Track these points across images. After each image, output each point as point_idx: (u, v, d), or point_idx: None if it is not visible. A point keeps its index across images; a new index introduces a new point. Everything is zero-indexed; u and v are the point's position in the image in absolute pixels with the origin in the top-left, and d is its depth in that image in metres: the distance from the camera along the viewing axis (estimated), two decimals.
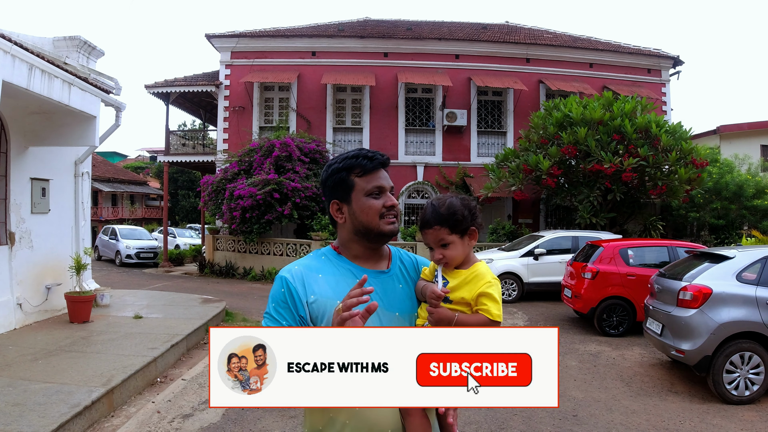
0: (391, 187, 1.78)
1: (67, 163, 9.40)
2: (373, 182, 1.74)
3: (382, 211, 1.72)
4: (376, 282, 1.72)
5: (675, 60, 20.74)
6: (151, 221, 40.37)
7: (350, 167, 1.75)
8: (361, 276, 1.69)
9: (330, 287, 1.70)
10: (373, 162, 1.74)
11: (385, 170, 1.78)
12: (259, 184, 15.79)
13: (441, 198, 1.79)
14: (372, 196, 1.73)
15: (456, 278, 1.71)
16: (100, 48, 10.18)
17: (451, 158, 19.77)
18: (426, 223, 1.76)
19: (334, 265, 1.77)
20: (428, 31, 21.02)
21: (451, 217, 1.72)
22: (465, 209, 1.74)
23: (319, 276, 1.73)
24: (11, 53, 6.06)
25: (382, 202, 1.73)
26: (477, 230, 1.77)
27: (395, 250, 1.90)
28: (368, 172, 1.74)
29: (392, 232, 1.75)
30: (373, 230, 1.73)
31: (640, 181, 14.52)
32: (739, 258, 6.36)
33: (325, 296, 1.68)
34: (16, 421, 4.28)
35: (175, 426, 4.93)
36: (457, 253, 1.72)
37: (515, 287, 12.95)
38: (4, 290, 7.60)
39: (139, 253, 22.25)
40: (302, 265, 1.77)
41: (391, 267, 1.82)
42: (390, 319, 1.70)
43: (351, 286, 1.67)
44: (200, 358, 7.37)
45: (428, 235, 1.76)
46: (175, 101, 21.65)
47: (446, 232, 1.72)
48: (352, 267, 1.77)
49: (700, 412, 5.63)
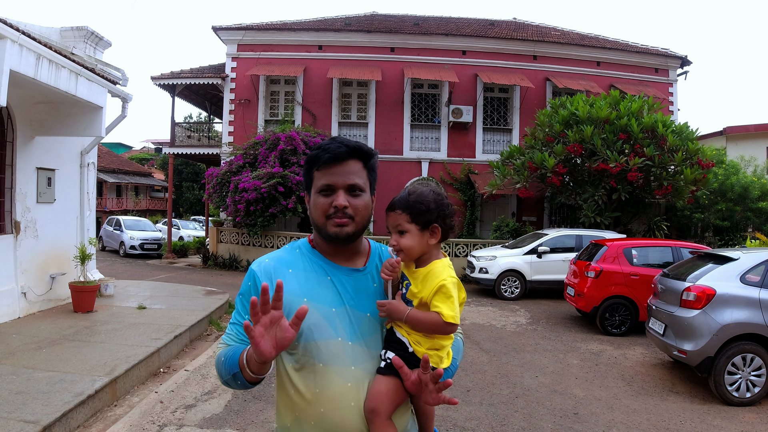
0: (349, 184, 1.58)
1: (73, 154, 9.42)
2: (323, 178, 1.59)
3: (328, 211, 1.57)
4: (347, 281, 1.63)
5: (683, 60, 20.64)
6: (155, 213, 40.44)
7: (312, 159, 1.63)
8: (331, 272, 1.63)
9: (298, 283, 1.60)
10: (327, 154, 1.58)
11: (356, 163, 1.61)
12: (264, 178, 15.81)
13: (417, 187, 1.67)
14: (321, 193, 1.60)
15: (415, 277, 1.61)
16: (107, 39, 10.18)
17: (456, 154, 19.74)
18: (390, 205, 1.65)
19: (307, 260, 1.66)
20: (435, 27, 20.95)
21: (414, 206, 1.60)
22: (433, 203, 1.62)
23: (288, 271, 1.63)
24: (19, 42, 6.06)
25: (329, 201, 1.58)
26: (441, 229, 1.63)
27: (376, 247, 1.77)
28: (323, 166, 1.59)
29: (337, 235, 1.58)
30: (321, 230, 1.62)
31: (646, 180, 14.46)
32: (743, 260, 6.35)
33: (291, 292, 1.57)
34: (19, 409, 4.31)
35: (177, 416, 4.96)
36: (412, 243, 1.61)
37: (518, 285, 12.95)
38: (9, 279, 7.64)
39: (143, 244, 22.33)
40: (273, 258, 1.68)
41: (367, 264, 1.69)
42: (360, 320, 1.59)
43: (320, 284, 1.61)
44: (203, 350, 7.40)
45: (389, 217, 1.65)
46: (181, 93, 21.67)
47: (405, 219, 1.61)
48: (324, 263, 1.65)
49: (701, 412, 5.63)
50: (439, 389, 1.47)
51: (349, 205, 1.57)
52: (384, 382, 1.53)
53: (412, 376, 1.49)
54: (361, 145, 1.63)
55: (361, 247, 1.73)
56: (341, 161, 1.58)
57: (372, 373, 1.56)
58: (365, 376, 1.55)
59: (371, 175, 1.66)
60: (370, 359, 1.57)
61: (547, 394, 6.06)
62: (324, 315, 1.56)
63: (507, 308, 11.61)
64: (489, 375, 6.72)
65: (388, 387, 1.52)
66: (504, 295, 12.89)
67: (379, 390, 1.52)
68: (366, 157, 1.63)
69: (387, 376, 1.53)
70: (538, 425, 5.11)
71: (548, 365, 7.27)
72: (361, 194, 1.61)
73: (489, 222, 19.17)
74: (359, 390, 1.53)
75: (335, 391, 1.52)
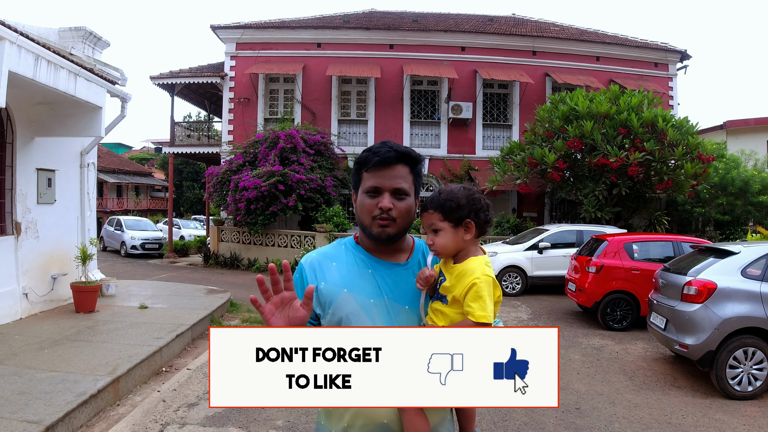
0: (395, 188, 1.65)
1: (72, 154, 9.42)
2: (371, 180, 1.66)
3: (374, 212, 1.65)
4: (388, 274, 1.70)
5: (682, 54, 20.59)
6: (156, 212, 40.46)
7: (362, 160, 1.70)
8: (373, 266, 1.71)
9: (340, 275, 1.69)
10: (376, 157, 1.65)
11: (404, 168, 1.67)
12: (264, 176, 15.82)
13: (450, 185, 1.73)
14: (368, 195, 1.67)
15: (451, 273, 1.64)
16: (105, 39, 10.17)
17: (456, 151, 19.73)
18: (423, 206, 1.71)
19: (351, 254, 1.75)
20: (434, 23, 20.92)
21: (445, 203, 1.64)
22: (464, 199, 1.65)
23: (333, 264, 1.72)
24: (17, 43, 6.06)
25: (375, 203, 1.65)
26: (475, 224, 1.66)
27: (419, 243, 1.84)
28: (372, 168, 1.66)
29: (380, 236, 1.66)
30: (366, 229, 1.69)
31: (646, 175, 14.45)
32: (744, 254, 6.35)
33: (333, 283, 1.68)
34: (22, 410, 4.32)
35: (180, 415, 4.97)
36: (446, 241, 1.64)
37: (519, 280, 12.95)
38: (10, 280, 7.65)
39: (144, 244, 22.36)
40: (320, 253, 1.78)
41: (409, 260, 1.76)
42: (398, 312, 1.66)
43: (361, 276, 1.68)
44: (205, 348, 7.41)
45: (423, 218, 1.70)
46: (180, 92, 21.65)
47: (438, 218, 1.65)
48: (366, 257, 1.73)
49: (703, 406, 5.64)
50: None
51: (394, 207, 1.64)
52: None
53: None
54: (410, 151, 1.70)
55: (404, 245, 1.79)
56: (389, 165, 1.65)
57: None
58: None
59: (417, 180, 1.73)
60: None
61: None
62: (362, 305, 1.64)
63: (508, 304, 11.62)
64: None
65: None
66: (505, 290, 12.88)
67: None
68: (413, 162, 1.71)
69: None
70: (539, 420, 5.11)
71: None
72: (405, 198, 1.68)
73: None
74: None
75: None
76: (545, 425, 5.00)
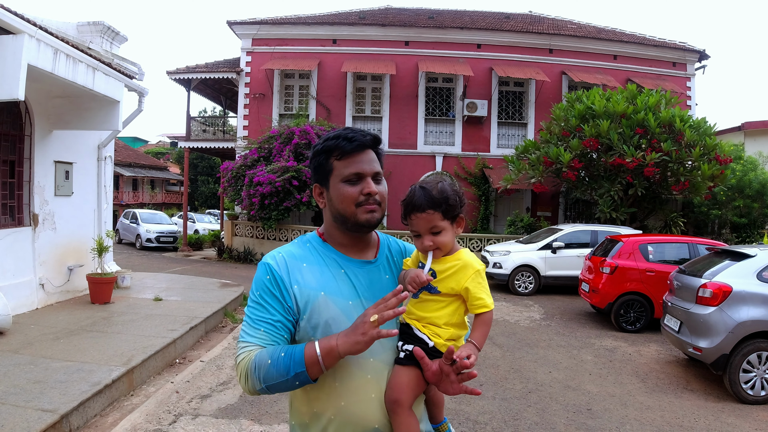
0: (375, 172, 1.61)
1: (90, 147, 9.53)
2: (351, 167, 1.59)
3: (359, 199, 1.58)
4: (361, 273, 1.64)
5: (701, 54, 20.33)
6: (171, 206, 40.83)
7: (329, 149, 1.61)
8: (345, 265, 1.64)
9: (314, 277, 1.59)
10: (352, 143, 1.59)
11: (372, 152, 1.63)
12: (279, 171, 15.89)
13: (430, 181, 1.64)
14: (348, 183, 1.59)
15: (442, 265, 1.61)
16: (123, 33, 10.26)
17: (471, 149, 19.67)
18: (417, 206, 1.60)
19: (319, 254, 1.66)
20: (450, 20, 20.84)
21: (444, 202, 1.59)
22: (456, 195, 1.62)
23: (303, 265, 1.61)
24: (36, 37, 6.14)
25: (359, 189, 1.58)
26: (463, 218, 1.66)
27: (384, 238, 1.79)
28: (347, 155, 1.59)
29: (368, 222, 1.59)
30: (349, 219, 1.60)
31: (663, 176, 14.29)
32: (760, 257, 6.27)
33: (309, 287, 1.57)
34: (37, 398, 4.39)
35: (193, 406, 5.02)
36: (448, 240, 1.61)
37: (532, 280, 12.89)
38: (27, 270, 7.77)
39: (159, 237, 22.54)
40: (285, 252, 1.65)
41: (378, 256, 1.71)
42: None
43: (335, 277, 1.61)
44: (218, 341, 7.48)
45: (420, 219, 1.60)
46: (196, 87, 21.79)
47: (439, 218, 1.59)
48: (337, 256, 1.65)
49: (715, 410, 5.59)
50: (462, 380, 1.47)
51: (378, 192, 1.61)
52: (404, 372, 1.54)
53: (433, 367, 1.49)
54: (376, 134, 1.67)
55: (371, 239, 1.74)
56: (365, 149, 1.62)
57: (390, 364, 1.57)
58: (384, 368, 1.56)
59: (381, 161, 1.69)
60: (387, 351, 1.58)
61: (561, 389, 6.05)
62: (342, 308, 1.56)
63: (521, 303, 11.58)
64: (502, 370, 6.72)
65: (409, 377, 1.53)
66: (518, 290, 12.84)
67: (400, 381, 1.53)
68: (378, 144, 1.67)
69: (407, 367, 1.54)
70: (551, 420, 5.10)
71: (562, 361, 7.25)
72: (382, 181, 1.65)
73: (503, 217, 19.09)
74: (379, 381, 1.55)
75: (356, 383, 1.53)
76: (556, 425, 4.98)
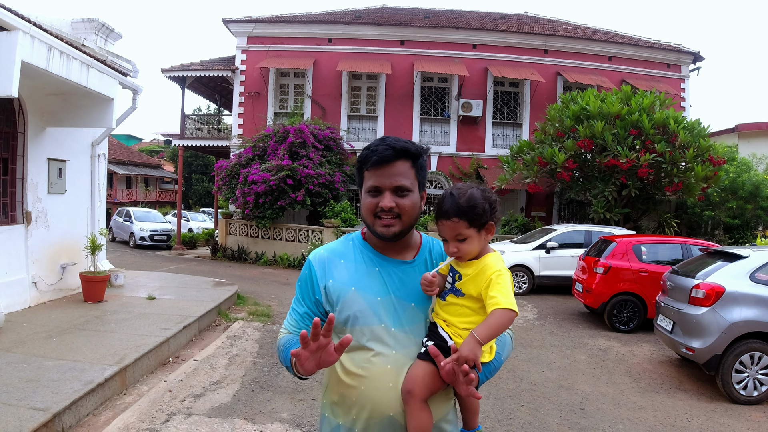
0: (396, 186, 1.63)
1: (83, 145, 9.49)
2: (371, 179, 1.65)
3: (375, 211, 1.65)
4: (395, 272, 1.70)
5: (695, 56, 20.43)
6: (164, 204, 40.66)
7: (361, 159, 1.68)
8: (380, 264, 1.72)
9: (348, 273, 1.70)
10: (374, 156, 1.63)
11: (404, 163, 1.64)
12: (273, 170, 15.86)
13: (461, 188, 1.67)
14: (369, 194, 1.66)
15: (466, 269, 1.65)
16: (117, 31, 10.21)
17: (466, 149, 19.69)
18: (444, 213, 1.65)
19: (358, 251, 1.75)
20: (446, 20, 20.85)
21: (471, 210, 1.62)
22: (485, 202, 1.64)
23: (341, 261, 1.73)
24: (30, 34, 6.10)
25: (376, 202, 1.64)
26: (494, 224, 1.68)
27: (427, 240, 1.83)
28: (372, 167, 1.64)
29: (384, 235, 1.65)
30: (371, 227, 1.69)
31: (656, 177, 14.35)
32: (753, 258, 6.30)
33: (341, 281, 1.69)
34: (29, 397, 4.37)
35: (186, 405, 5.01)
36: (473, 248, 1.64)
37: (526, 280, 12.92)
38: (20, 268, 7.72)
39: (152, 235, 22.48)
40: (327, 250, 1.78)
41: (416, 257, 1.75)
42: (405, 309, 1.67)
43: (368, 274, 1.70)
44: (212, 340, 7.46)
45: (445, 226, 1.65)
46: (191, 85, 21.72)
47: (464, 226, 1.62)
48: (374, 255, 1.74)
49: (708, 410, 5.62)
50: (467, 382, 1.51)
51: (397, 205, 1.63)
52: (421, 366, 1.59)
53: (447, 366, 1.52)
54: (410, 146, 1.65)
55: (411, 241, 1.79)
56: (388, 163, 1.63)
57: (413, 358, 1.63)
58: (406, 361, 1.63)
59: (420, 173, 1.69)
60: (412, 345, 1.65)
61: (554, 389, 6.07)
62: (369, 303, 1.66)
63: None
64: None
65: (425, 372, 1.58)
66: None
67: (416, 373, 1.59)
68: (414, 156, 1.66)
69: (425, 362, 1.59)
70: (544, 420, 5.11)
71: (555, 360, 7.27)
72: (408, 194, 1.65)
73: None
74: (399, 373, 1.61)
75: (376, 372, 1.61)
76: (549, 425, 4.99)
